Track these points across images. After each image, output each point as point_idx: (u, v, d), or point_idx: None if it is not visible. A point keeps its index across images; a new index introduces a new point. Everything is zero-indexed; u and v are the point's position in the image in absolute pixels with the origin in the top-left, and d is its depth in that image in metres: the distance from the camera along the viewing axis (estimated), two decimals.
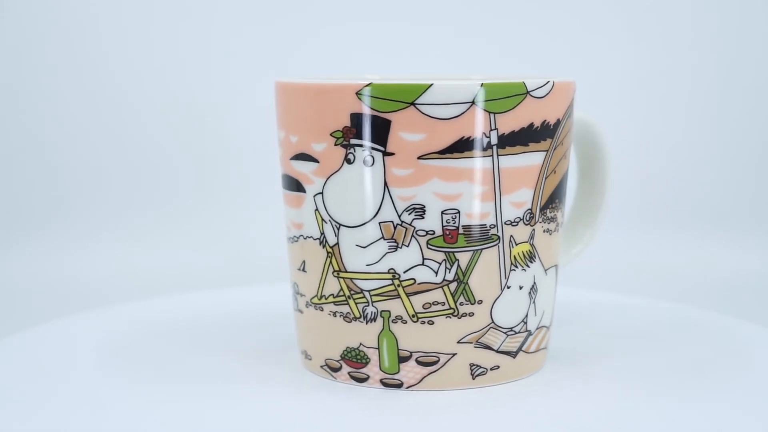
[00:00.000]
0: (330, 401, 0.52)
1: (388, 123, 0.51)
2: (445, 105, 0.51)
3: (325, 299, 0.54)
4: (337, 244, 0.53)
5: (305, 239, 0.55)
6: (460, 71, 0.79)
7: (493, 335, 0.54)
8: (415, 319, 0.53)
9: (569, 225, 0.63)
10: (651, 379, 0.55)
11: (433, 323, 0.53)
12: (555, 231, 0.56)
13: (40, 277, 0.94)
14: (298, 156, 0.54)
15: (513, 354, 0.55)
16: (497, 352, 0.54)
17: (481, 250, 0.53)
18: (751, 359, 0.58)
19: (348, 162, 0.52)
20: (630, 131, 1.05)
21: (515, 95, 0.52)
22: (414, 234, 0.52)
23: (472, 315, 0.53)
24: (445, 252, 0.52)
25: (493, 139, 0.52)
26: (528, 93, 0.52)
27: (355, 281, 0.53)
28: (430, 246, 0.52)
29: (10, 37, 1.03)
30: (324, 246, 0.54)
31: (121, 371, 0.56)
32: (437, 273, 0.52)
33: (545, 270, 0.56)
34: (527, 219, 0.54)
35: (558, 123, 0.54)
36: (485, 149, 0.52)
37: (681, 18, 1.06)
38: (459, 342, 0.53)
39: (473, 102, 0.51)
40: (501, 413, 0.51)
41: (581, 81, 0.59)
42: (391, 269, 0.53)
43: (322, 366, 0.56)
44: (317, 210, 0.54)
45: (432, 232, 0.52)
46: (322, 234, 0.54)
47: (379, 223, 0.52)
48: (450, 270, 0.52)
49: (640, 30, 1.06)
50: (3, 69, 1.03)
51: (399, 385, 0.54)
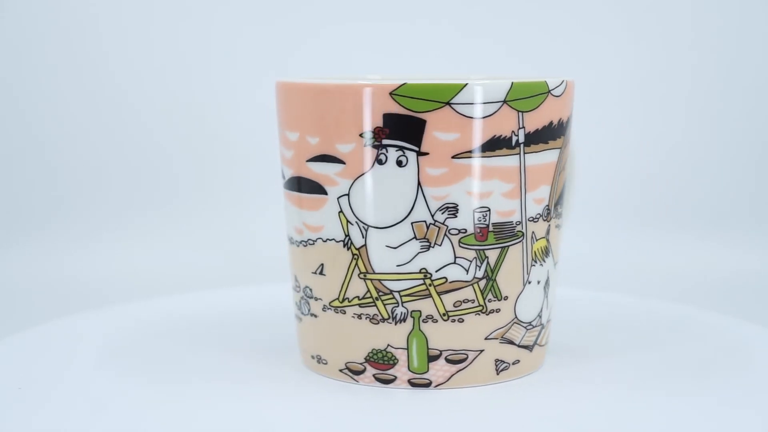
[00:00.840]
0: (353, 402, 0.52)
1: (423, 123, 0.51)
2: (479, 104, 0.51)
3: (348, 302, 0.54)
4: (365, 245, 0.53)
5: (325, 242, 0.54)
6: (460, 71, 0.79)
7: (516, 330, 0.55)
8: (446, 318, 0.53)
9: None
10: (651, 379, 0.55)
11: (463, 321, 0.53)
12: (561, 226, 0.57)
13: (40, 277, 0.94)
14: (318, 158, 0.54)
15: (530, 348, 0.56)
16: (518, 346, 0.55)
17: (509, 246, 0.53)
18: (751, 359, 0.58)
19: (379, 163, 0.52)
20: (630, 131, 1.05)
21: (539, 94, 0.53)
22: (447, 233, 0.52)
23: (498, 311, 0.54)
24: (476, 250, 0.53)
25: (521, 137, 0.52)
26: (549, 92, 0.53)
27: (384, 282, 0.53)
28: (462, 244, 0.52)
29: (10, 37, 1.03)
30: (349, 248, 0.54)
31: (121, 371, 0.56)
32: (468, 271, 0.53)
33: (555, 264, 0.57)
34: (545, 215, 0.55)
35: (568, 121, 0.56)
36: (514, 147, 0.52)
37: (681, 18, 1.06)
38: (486, 338, 0.54)
39: (504, 101, 0.52)
40: (521, 411, 0.51)
41: (581, 81, 0.60)
42: (423, 269, 0.53)
43: (341, 370, 0.55)
44: (341, 212, 0.53)
45: (464, 230, 0.52)
46: (347, 236, 0.53)
47: (412, 223, 0.52)
48: (480, 267, 0.53)
49: (640, 30, 1.06)
50: (3, 69, 1.03)
51: (427, 385, 0.54)
